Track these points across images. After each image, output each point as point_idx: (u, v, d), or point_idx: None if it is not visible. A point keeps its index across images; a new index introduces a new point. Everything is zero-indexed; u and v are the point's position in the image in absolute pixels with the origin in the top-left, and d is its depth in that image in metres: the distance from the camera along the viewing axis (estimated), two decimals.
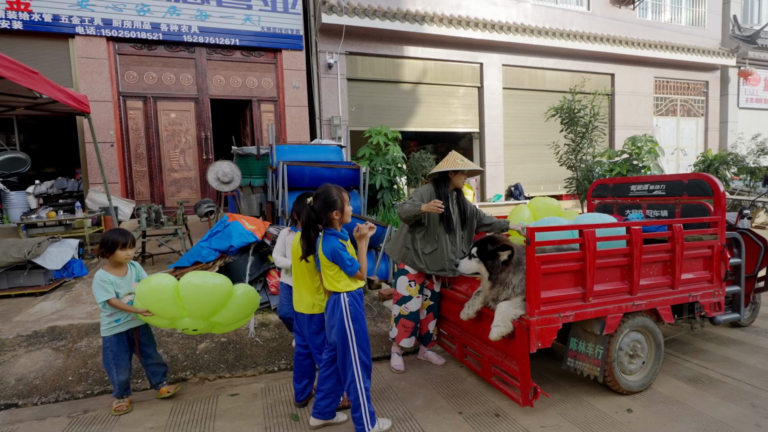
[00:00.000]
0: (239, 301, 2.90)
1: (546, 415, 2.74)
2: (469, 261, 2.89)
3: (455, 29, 9.09)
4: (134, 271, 3.02)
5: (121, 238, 2.86)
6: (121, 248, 2.84)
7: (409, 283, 3.34)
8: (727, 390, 3.02)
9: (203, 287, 2.76)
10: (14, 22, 6.72)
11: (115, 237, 2.86)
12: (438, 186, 3.32)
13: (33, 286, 4.72)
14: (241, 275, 4.43)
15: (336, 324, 2.45)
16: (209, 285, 2.77)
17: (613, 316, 2.80)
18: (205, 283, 2.77)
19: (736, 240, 3.66)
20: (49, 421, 2.83)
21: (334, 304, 2.46)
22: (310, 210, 2.42)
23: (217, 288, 2.78)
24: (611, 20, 11.36)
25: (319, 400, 2.60)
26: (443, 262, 3.29)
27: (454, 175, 3.31)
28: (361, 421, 2.44)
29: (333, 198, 2.43)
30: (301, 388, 2.91)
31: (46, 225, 6.14)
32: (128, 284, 2.92)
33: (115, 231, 2.93)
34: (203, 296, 2.76)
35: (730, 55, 12.44)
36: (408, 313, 3.35)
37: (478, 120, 10.24)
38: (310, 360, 2.88)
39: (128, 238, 2.88)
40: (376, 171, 7.30)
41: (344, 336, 2.44)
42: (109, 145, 7.28)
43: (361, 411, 2.44)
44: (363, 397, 2.44)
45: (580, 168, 7.68)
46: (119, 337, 2.88)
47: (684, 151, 12.89)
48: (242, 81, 8.22)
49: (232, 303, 2.87)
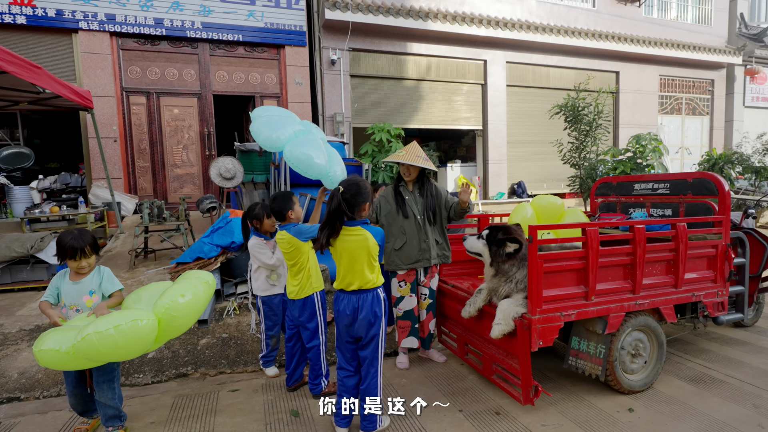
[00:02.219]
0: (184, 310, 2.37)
1: (547, 414, 2.73)
2: (476, 240, 2.91)
3: (459, 26, 9.04)
4: (97, 278, 2.41)
5: (68, 246, 2.27)
6: (69, 259, 2.30)
7: (399, 283, 3.33)
8: (730, 390, 3.00)
9: (195, 302, 2.39)
10: (18, 17, 6.72)
11: (63, 243, 2.29)
12: (397, 181, 3.40)
13: (36, 280, 4.75)
14: (242, 271, 4.44)
15: (376, 320, 2.44)
16: (199, 296, 2.42)
17: (616, 315, 2.78)
18: (195, 297, 2.39)
19: (740, 240, 3.64)
20: (51, 415, 2.85)
21: (375, 299, 2.44)
22: (341, 200, 2.35)
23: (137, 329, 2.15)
24: (617, 17, 11.27)
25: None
26: (416, 254, 3.28)
27: (401, 167, 3.35)
28: (374, 419, 2.47)
29: (366, 190, 2.44)
30: (291, 372, 3.09)
31: (50, 220, 6.16)
32: (79, 293, 2.36)
33: (67, 234, 2.31)
34: (193, 311, 2.41)
35: (736, 54, 12.34)
36: (402, 314, 3.34)
37: (481, 117, 10.20)
38: (294, 342, 3.07)
39: (77, 247, 2.28)
40: (379, 168, 7.28)
41: (379, 333, 2.46)
42: (112, 140, 7.29)
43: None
44: (380, 395, 2.50)
45: (584, 166, 7.65)
46: None
47: (689, 149, 12.81)
48: (245, 77, 8.21)
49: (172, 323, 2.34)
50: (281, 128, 3.20)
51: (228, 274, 4.52)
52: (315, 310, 2.92)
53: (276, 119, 3.29)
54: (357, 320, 2.42)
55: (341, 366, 2.55)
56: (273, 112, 3.41)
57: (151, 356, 3.52)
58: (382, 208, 3.33)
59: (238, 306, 4.13)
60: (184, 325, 2.40)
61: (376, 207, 3.33)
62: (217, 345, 3.70)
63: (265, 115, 3.32)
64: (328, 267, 4.72)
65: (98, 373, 2.39)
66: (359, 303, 2.42)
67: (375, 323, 2.43)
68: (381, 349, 2.49)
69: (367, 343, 2.45)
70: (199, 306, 2.44)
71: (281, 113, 3.43)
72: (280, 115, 3.40)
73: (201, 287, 2.44)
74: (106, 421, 2.47)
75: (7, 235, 4.83)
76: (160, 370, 3.41)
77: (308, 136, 3.28)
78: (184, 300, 2.31)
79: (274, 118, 3.31)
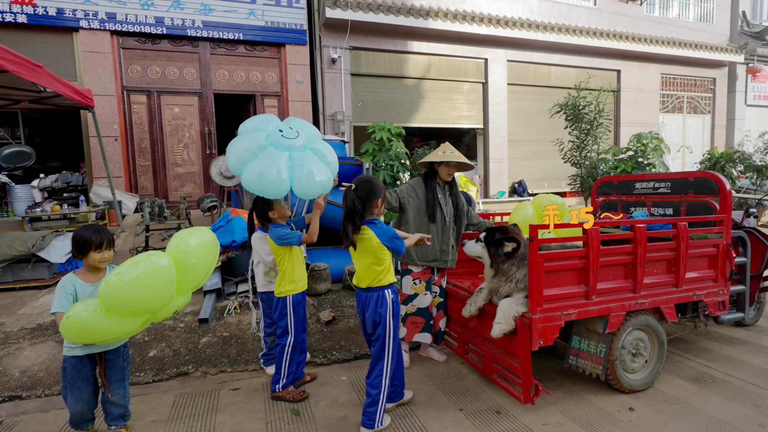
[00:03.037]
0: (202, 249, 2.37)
1: (547, 413, 2.73)
2: (474, 243, 2.92)
3: (460, 24, 9.02)
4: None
5: (95, 237, 2.29)
6: (95, 249, 2.29)
7: (413, 281, 3.33)
8: (731, 389, 3.00)
9: (205, 246, 2.35)
10: (19, 16, 6.72)
11: (87, 235, 2.29)
12: (427, 178, 3.31)
13: (37, 279, 4.75)
14: (243, 270, 4.44)
15: (381, 320, 2.48)
16: (208, 241, 2.39)
17: (616, 314, 2.78)
18: (205, 241, 2.37)
19: (741, 239, 3.63)
20: (53, 413, 2.86)
21: (379, 300, 2.48)
22: (355, 198, 2.42)
23: (209, 244, 2.36)
24: (618, 16, 11.24)
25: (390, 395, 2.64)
26: (434, 253, 3.28)
27: (439, 166, 3.28)
28: (374, 416, 2.48)
29: (378, 186, 2.49)
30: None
31: (51, 218, 6.17)
32: (94, 294, 2.31)
33: (89, 228, 2.34)
34: (205, 256, 2.36)
35: (738, 52, 12.30)
36: (416, 310, 3.34)
37: (482, 116, 10.18)
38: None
39: (104, 237, 2.32)
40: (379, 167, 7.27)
41: (385, 332, 2.49)
42: (113, 139, 7.29)
43: (377, 407, 2.48)
44: (384, 393, 2.49)
45: (585, 165, 7.64)
46: (77, 362, 2.34)
47: (690, 148, 12.78)
48: (246, 75, 8.20)
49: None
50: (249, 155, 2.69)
51: (229, 273, 4.53)
52: (286, 311, 2.92)
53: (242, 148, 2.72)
54: (365, 317, 2.54)
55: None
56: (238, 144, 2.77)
57: (152, 355, 3.53)
58: (411, 201, 3.25)
59: (238, 305, 4.14)
60: (199, 265, 2.34)
61: (400, 194, 3.24)
62: (218, 344, 3.70)
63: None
64: (329, 266, 4.73)
65: (112, 372, 2.44)
66: (366, 301, 2.52)
67: (380, 322, 2.48)
68: (388, 348, 2.51)
69: (375, 339, 2.53)
70: (209, 249, 2.40)
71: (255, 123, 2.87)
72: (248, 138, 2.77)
73: (207, 233, 2.44)
74: (112, 420, 2.49)
75: (9, 234, 4.84)
76: (161, 368, 3.42)
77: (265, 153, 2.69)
78: (194, 240, 2.30)
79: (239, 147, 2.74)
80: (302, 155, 2.73)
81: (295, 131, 2.79)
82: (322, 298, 4.50)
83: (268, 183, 2.59)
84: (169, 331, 3.78)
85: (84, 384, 2.37)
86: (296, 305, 2.93)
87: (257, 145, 2.66)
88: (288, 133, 2.75)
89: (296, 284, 2.93)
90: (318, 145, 2.90)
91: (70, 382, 2.35)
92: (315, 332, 3.95)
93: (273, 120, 2.88)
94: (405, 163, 7.51)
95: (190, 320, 3.94)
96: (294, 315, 2.92)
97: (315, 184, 2.72)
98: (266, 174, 2.58)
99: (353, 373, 3.37)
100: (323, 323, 4.08)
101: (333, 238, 5.17)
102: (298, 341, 2.96)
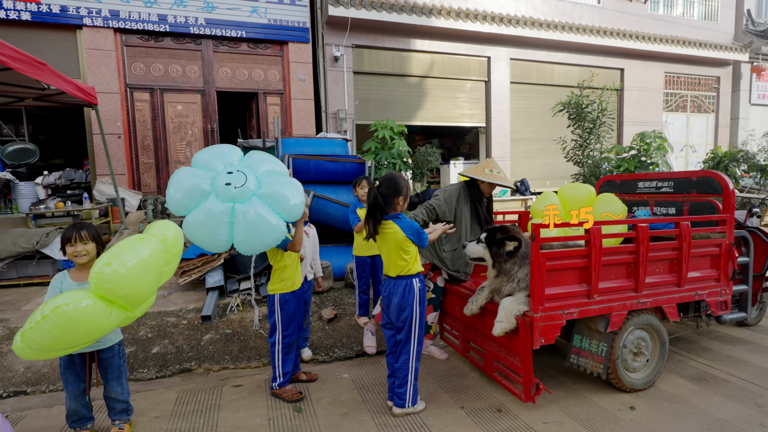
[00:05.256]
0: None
1: (548, 412, 2.74)
2: (476, 245, 2.92)
3: (463, 22, 9.00)
4: None
5: (67, 232, 2.29)
6: (68, 244, 2.29)
7: (427, 282, 3.36)
8: (732, 389, 3.00)
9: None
10: (23, 13, 6.74)
11: (64, 232, 2.30)
12: (470, 188, 3.35)
13: (41, 275, 4.78)
14: (245, 268, 4.46)
15: (407, 307, 2.61)
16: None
17: (618, 313, 2.78)
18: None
19: (744, 238, 3.62)
20: (57, 408, 2.88)
21: (407, 287, 2.62)
22: (378, 194, 2.60)
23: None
24: (622, 14, 11.18)
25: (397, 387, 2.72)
26: (460, 264, 3.33)
27: (482, 183, 3.32)
28: (404, 396, 2.64)
29: (402, 185, 2.64)
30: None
31: (55, 215, 6.19)
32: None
33: (71, 225, 2.36)
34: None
35: (742, 51, 12.22)
36: None
37: (484, 114, 10.16)
38: None
39: (73, 232, 2.29)
40: (382, 165, 7.27)
41: (412, 318, 2.62)
42: (116, 136, 7.31)
43: (406, 387, 2.65)
44: (412, 375, 2.65)
45: (587, 164, 7.62)
46: (68, 359, 2.38)
47: (693, 147, 12.72)
48: (248, 73, 8.20)
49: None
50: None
51: (231, 270, 4.55)
52: (273, 308, 2.95)
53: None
54: (391, 304, 2.67)
55: (388, 347, 2.80)
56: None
57: (155, 351, 3.56)
58: (447, 210, 3.26)
59: (241, 302, 4.16)
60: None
61: (439, 210, 3.24)
62: (221, 341, 3.72)
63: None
64: (331, 264, 4.74)
65: (108, 371, 2.48)
66: (394, 288, 2.66)
67: (406, 309, 2.61)
68: (414, 335, 2.63)
69: (401, 327, 2.66)
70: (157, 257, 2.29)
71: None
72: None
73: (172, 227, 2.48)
74: (115, 415, 2.55)
75: (13, 231, 4.87)
76: (164, 365, 3.44)
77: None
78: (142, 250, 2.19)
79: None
80: (247, 207, 2.43)
81: (242, 175, 2.47)
82: (324, 296, 4.52)
83: (207, 239, 2.47)
84: (172, 328, 3.80)
85: (76, 381, 2.41)
86: (283, 304, 2.93)
87: (200, 191, 2.44)
88: (235, 179, 2.44)
89: (284, 283, 2.93)
90: (273, 186, 2.54)
91: (63, 379, 2.42)
92: (317, 330, 3.96)
93: (227, 156, 2.60)
94: (407, 161, 7.51)
95: (193, 317, 3.96)
96: (282, 313, 2.93)
97: (258, 240, 2.49)
98: (205, 230, 2.44)
99: (355, 371, 3.38)
100: (325, 321, 4.09)
101: (335, 236, 5.18)
102: (290, 340, 2.96)
